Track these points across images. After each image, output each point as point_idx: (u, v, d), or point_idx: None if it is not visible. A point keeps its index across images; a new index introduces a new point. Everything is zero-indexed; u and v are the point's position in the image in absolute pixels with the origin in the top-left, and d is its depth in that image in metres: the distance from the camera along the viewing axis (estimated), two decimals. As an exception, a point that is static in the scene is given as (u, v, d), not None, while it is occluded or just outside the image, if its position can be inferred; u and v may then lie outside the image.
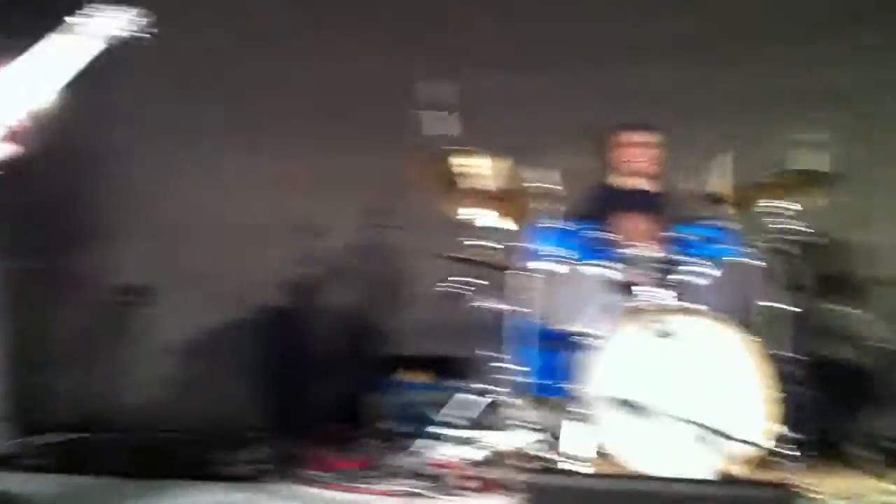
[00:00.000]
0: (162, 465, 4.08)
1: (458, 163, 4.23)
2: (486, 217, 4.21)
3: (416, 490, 3.71)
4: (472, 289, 4.35)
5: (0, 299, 4.73)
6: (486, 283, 4.26)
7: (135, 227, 5.60)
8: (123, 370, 5.44)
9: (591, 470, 3.60)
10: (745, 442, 3.54)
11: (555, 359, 4.10)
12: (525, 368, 4.05)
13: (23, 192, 5.17)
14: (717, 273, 3.99)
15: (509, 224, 4.35)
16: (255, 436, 4.59)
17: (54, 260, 5.50)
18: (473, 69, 5.22)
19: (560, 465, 3.66)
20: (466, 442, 3.87)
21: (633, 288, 4.01)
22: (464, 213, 4.31)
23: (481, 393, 4.05)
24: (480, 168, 4.21)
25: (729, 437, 3.54)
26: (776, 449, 3.59)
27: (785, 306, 3.86)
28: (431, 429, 4.08)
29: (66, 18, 2.96)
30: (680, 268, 4.02)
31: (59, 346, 5.47)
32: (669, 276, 4.02)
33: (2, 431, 4.41)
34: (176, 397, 5.51)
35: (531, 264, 4.07)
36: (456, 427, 3.98)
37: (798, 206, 3.92)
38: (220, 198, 5.59)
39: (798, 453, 3.60)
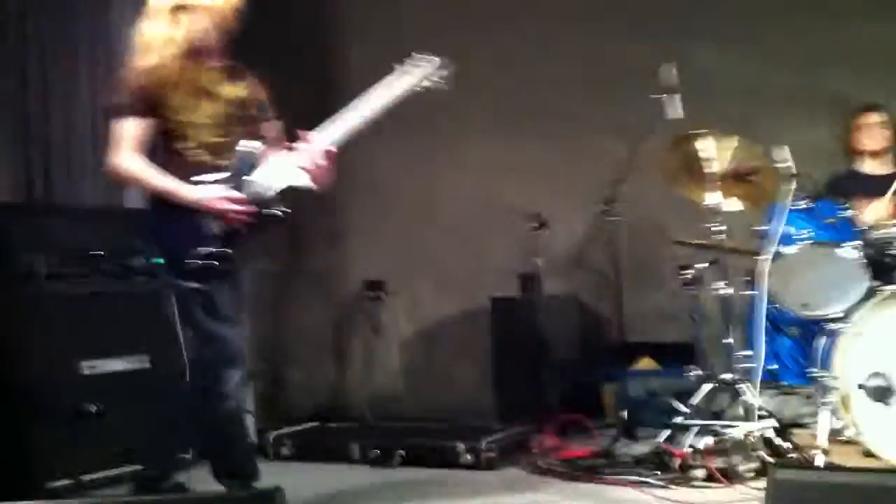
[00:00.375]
0: (401, 454, 4.21)
1: (691, 145, 4.10)
2: (719, 199, 4.04)
3: (649, 479, 3.64)
4: (708, 273, 4.21)
5: (254, 299, 5.06)
6: (722, 266, 4.09)
7: (372, 224, 5.83)
8: (365, 362, 5.69)
9: (834, 460, 3.40)
10: None
11: (795, 344, 3.89)
12: (763, 354, 3.87)
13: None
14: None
15: (744, 206, 4.18)
16: (489, 424, 4.66)
17: (300, 260, 5.83)
18: (699, 47, 5.05)
19: (799, 455, 3.48)
20: (700, 430, 3.74)
21: (886, 270, 3.74)
22: (696, 196, 4.18)
23: (716, 380, 3.90)
24: (713, 149, 4.06)
25: None
26: None
27: None
28: (664, 417, 3.98)
29: (395, 66, 3.12)
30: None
31: (305, 340, 5.78)
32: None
33: (255, 422, 4.73)
34: (414, 387, 5.70)
35: (768, 246, 3.88)
36: (690, 415, 3.86)
37: None
38: (450, 191, 5.72)
39: None
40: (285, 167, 3.06)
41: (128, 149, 3.05)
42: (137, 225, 4.43)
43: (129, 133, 3.05)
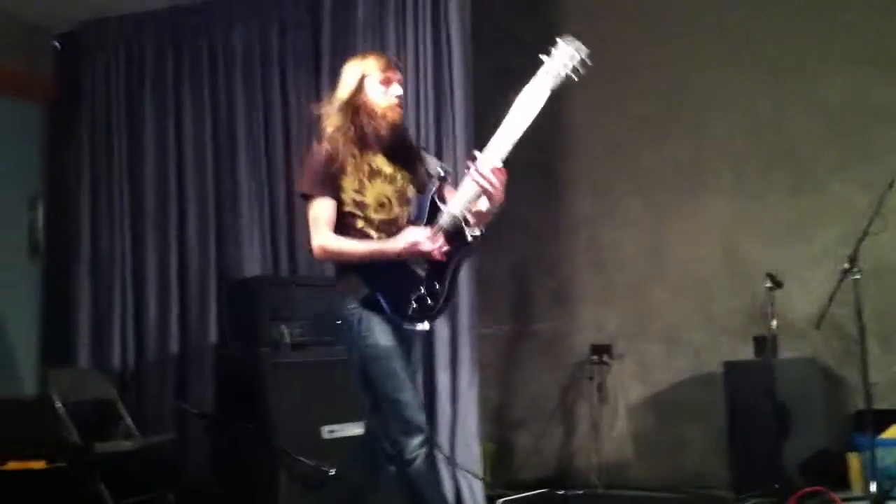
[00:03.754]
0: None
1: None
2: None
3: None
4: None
5: (481, 364, 5.13)
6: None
7: (598, 286, 5.81)
8: (593, 427, 5.62)
9: None
10: None
11: None
12: None
13: (501, 263, 5.72)
14: None
15: None
16: (725, 495, 4.49)
17: (527, 324, 5.88)
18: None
19: None
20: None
21: None
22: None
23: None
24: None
25: None
26: None
27: None
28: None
29: (542, 57, 3.05)
30: None
31: (532, 404, 5.79)
32: None
33: (483, 487, 4.77)
34: (644, 454, 5.56)
35: None
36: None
37: None
38: (679, 249, 5.61)
39: None
40: (463, 195, 3.13)
41: (326, 227, 3.23)
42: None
43: (323, 213, 3.23)
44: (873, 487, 4.09)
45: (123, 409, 4.69)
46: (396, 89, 3.29)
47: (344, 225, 3.25)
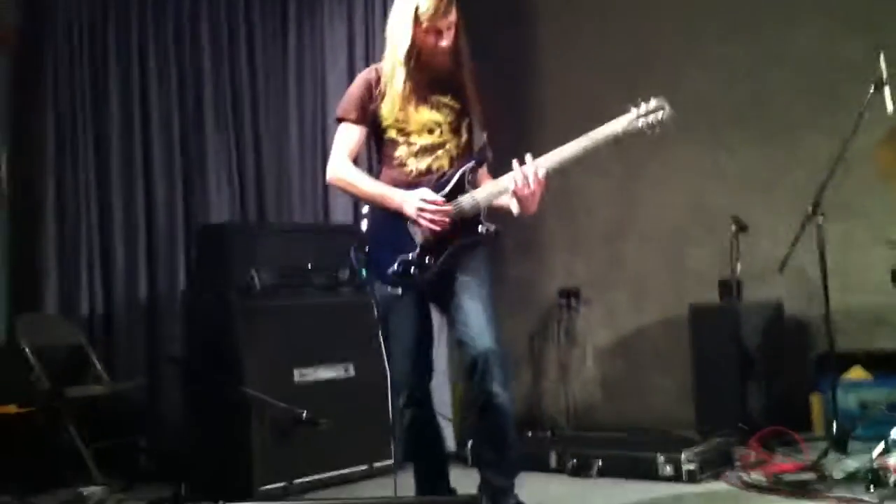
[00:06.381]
0: (595, 464, 4.19)
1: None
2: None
3: (862, 497, 3.46)
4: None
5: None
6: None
7: (567, 232, 5.84)
8: (561, 371, 5.70)
9: None
10: None
11: None
12: None
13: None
14: None
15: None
16: (690, 436, 4.57)
17: (494, 269, 5.89)
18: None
19: None
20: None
21: None
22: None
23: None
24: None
25: None
26: None
27: None
28: (878, 429, 3.77)
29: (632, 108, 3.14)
30: None
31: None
32: None
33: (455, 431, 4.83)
34: (611, 397, 5.66)
35: None
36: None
37: None
38: (648, 195, 5.65)
39: None
40: (495, 186, 3.07)
41: (340, 154, 3.17)
42: (343, 240, 4.69)
43: (345, 139, 3.18)
44: (834, 428, 4.19)
45: (93, 354, 4.67)
46: (445, 41, 3.06)
47: (384, 153, 3.18)
